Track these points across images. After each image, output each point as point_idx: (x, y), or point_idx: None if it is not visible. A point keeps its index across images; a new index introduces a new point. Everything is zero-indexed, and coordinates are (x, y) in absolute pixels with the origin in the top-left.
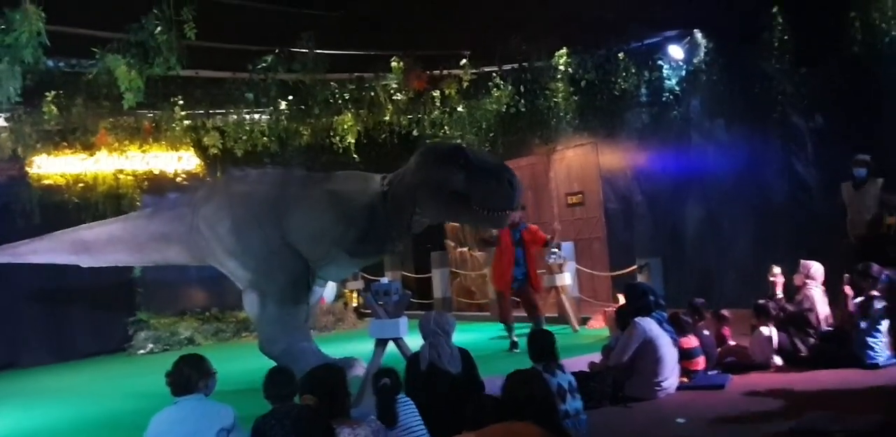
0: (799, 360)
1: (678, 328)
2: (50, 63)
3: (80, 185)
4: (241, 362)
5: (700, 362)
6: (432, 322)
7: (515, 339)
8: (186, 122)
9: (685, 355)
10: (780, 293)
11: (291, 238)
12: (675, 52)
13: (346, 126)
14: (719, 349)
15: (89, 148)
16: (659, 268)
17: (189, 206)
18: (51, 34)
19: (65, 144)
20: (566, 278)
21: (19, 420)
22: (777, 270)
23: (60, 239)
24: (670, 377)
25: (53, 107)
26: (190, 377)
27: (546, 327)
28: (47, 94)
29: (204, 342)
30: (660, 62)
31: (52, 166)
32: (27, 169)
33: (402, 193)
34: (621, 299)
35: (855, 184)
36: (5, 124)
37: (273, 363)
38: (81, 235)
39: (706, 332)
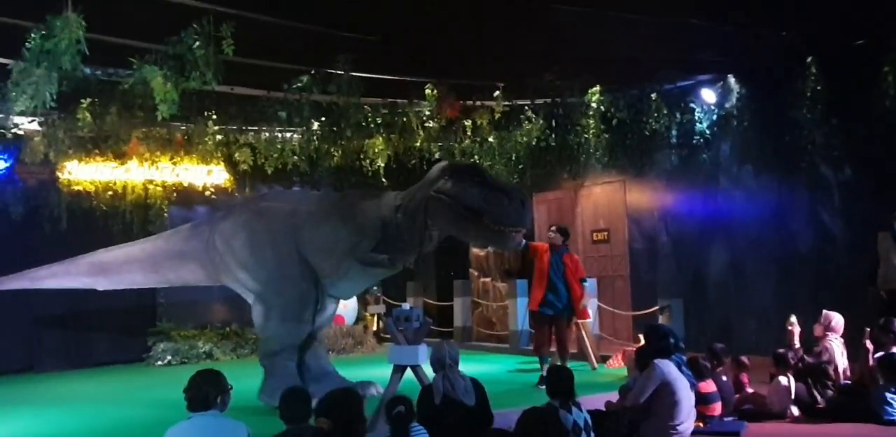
0: (816, 412)
1: (696, 372)
2: (87, 70)
3: (109, 193)
4: (258, 380)
5: (717, 408)
6: (446, 353)
7: (545, 373)
8: (219, 136)
9: (702, 400)
10: (797, 343)
11: (305, 252)
12: (708, 95)
13: (376, 149)
14: (737, 396)
15: (121, 157)
16: (680, 310)
17: (208, 224)
18: (89, 42)
19: (97, 151)
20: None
21: (31, 425)
22: (794, 319)
23: (77, 263)
24: (686, 421)
25: (88, 114)
26: (208, 393)
27: (567, 363)
28: (83, 101)
29: (222, 358)
30: (692, 105)
31: (83, 173)
32: (58, 174)
33: (416, 206)
34: (642, 340)
35: (894, 235)
36: (39, 129)
37: (290, 386)
38: (99, 257)
39: (724, 378)
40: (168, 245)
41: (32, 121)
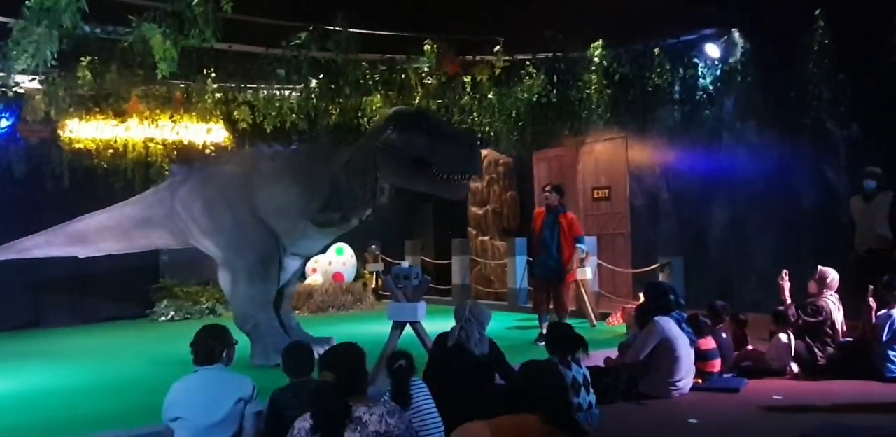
0: (816, 368)
1: (696, 329)
2: (87, 28)
3: (111, 151)
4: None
5: (716, 365)
6: (468, 310)
7: (545, 331)
8: (217, 94)
9: (702, 357)
10: (788, 298)
11: (260, 213)
12: (712, 50)
13: (374, 107)
14: (736, 353)
15: (121, 115)
16: (680, 268)
17: (168, 189)
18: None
19: (97, 109)
20: (587, 273)
21: (38, 379)
22: (785, 274)
23: (56, 233)
24: (685, 378)
25: (88, 72)
26: (213, 347)
27: (565, 319)
28: (83, 59)
29: (225, 314)
30: (695, 60)
31: (84, 131)
32: (59, 132)
33: (363, 158)
34: (642, 297)
35: (865, 196)
36: (40, 87)
37: (292, 340)
38: (76, 226)
39: (724, 334)
40: (134, 212)
41: (33, 79)
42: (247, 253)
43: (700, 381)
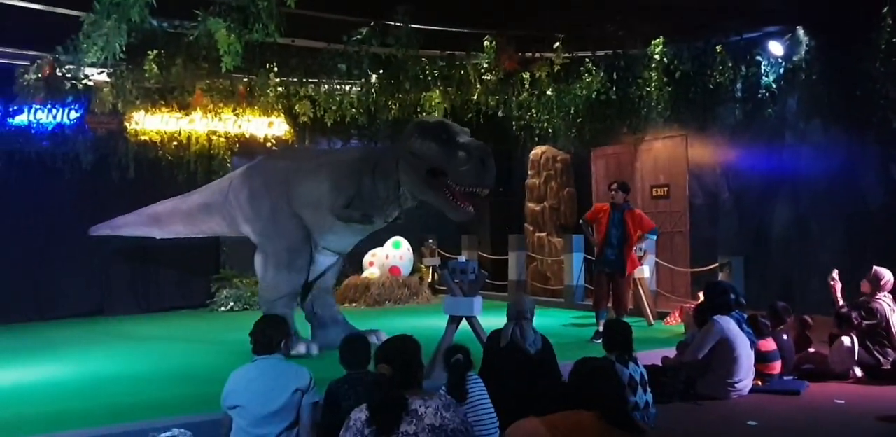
0: (881, 373)
1: (756, 330)
2: (154, 23)
3: (175, 143)
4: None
5: (776, 367)
6: (524, 305)
7: (601, 329)
8: (280, 89)
9: (762, 358)
10: (840, 299)
11: (294, 206)
12: (775, 48)
13: (433, 103)
14: (798, 355)
15: (185, 108)
16: (741, 267)
17: (229, 179)
18: None
19: (162, 102)
20: (645, 271)
21: (103, 365)
22: (836, 275)
23: (140, 214)
24: (745, 379)
25: (154, 65)
26: (272, 337)
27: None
28: (149, 52)
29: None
30: (758, 57)
31: (149, 123)
32: (125, 124)
33: (389, 162)
34: (701, 297)
35: None
36: (108, 80)
37: (349, 332)
38: (155, 209)
39: (785, 336)
40: (201, 199)
41: (102, 72)
42: (277, 240)
43: (760, 383)
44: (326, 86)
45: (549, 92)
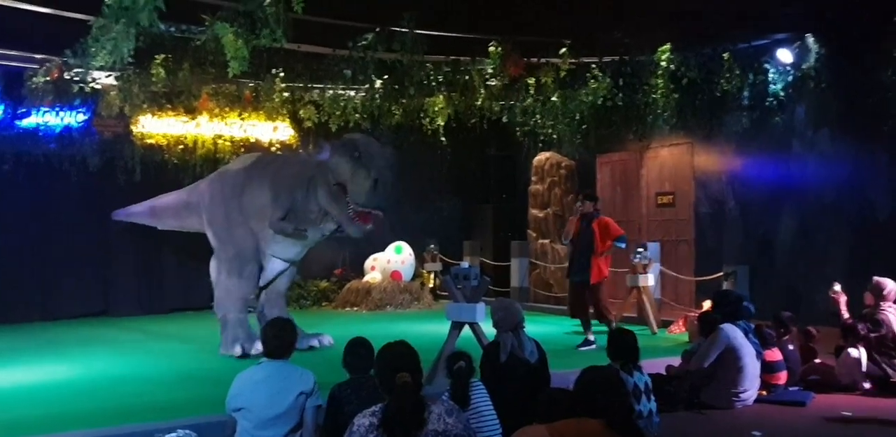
0: (889, 386)
1: (761, 340)
2: (162, 27)
3: (181, 146)
4: (317, 329)
5: (782, 377)
6: (520, 315)
7: (591, 337)
8: (285, 94)
9: (767, 368)
10: (845, 312)
11: (245, 214)
12: (784, 55)
13: (437, 108)
14: (803, 366)
15: (191, 112)
16: (746, 277)
17: (206, 181)
18: None
19: (169, 106)
20: (649, 279)
21: (109, 366)
22: (838, 288)
23: (144, 205)
24: (750, 389)
25: (161, 70)
26: (289, 342)
27: (625, 326)
28: (157, 57)
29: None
30: (766, 65)
31: (156, 127)
32: (132, 127)
33: (316, 179)
34: (706, 305)
35: None
36: (115, 83)
37: (353, 336)
38: (155, 202)
39: (791, 346)
40: (185, 196)
41: (109, 76)
42: (229, 246)
43: (765, 393)
44: (331, 91)
45: (554, 98)
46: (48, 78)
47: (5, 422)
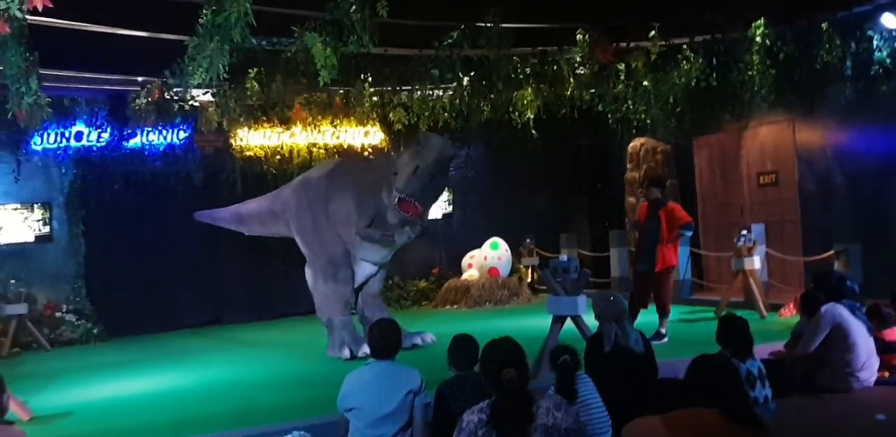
0: None
1: (879, 320)
2: (254, 41)
3: (278, 157)
4: (420, 329)
5: None
6: (622, 305)
7: (664, 330)
8: (374, 98)
9: (887, 349)
10: None
11: (332, 221)
12: (889, 20)
13: (526, 101)
14: None
15: (286, 122)
16: (858, 255)
17: (289, 188)
18: (255, 13)
19: (264, 118)
20: (755, 262)
21: (223, 372)
22: None
23: (230, 210)
24: (867, 369)
25: (255, 83)
26: (395, 341)
27: (733, 311)
28: (250, 71)
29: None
30: (869, 32)
31: (253, 139)
32: (231, 141)
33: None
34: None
35: None
36: (212, 99)
37: (457, 333)
38: (240, 208)
39: None
40: (269, 204)
41: (206, 92)
42: (321, 254)
43: (887, 374)
44: (419, 92)
45: (645, 82)
46: (150, 99)
47: (131, 428)
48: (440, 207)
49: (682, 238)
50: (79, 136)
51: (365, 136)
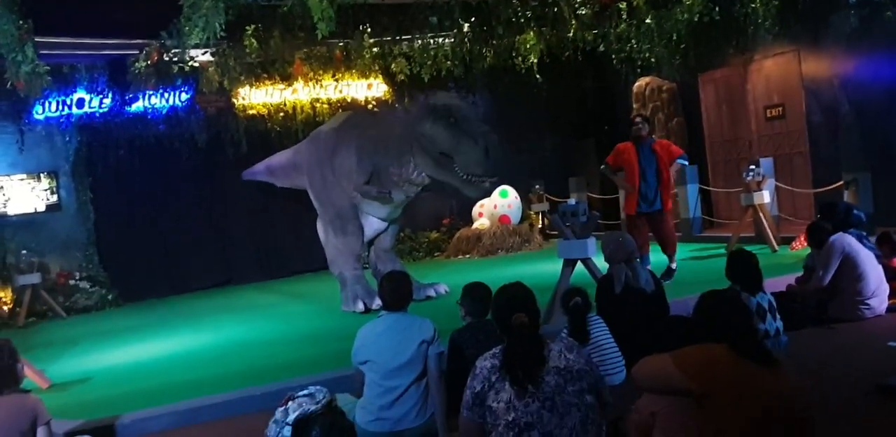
0: None
1: (890, 247)
2: None
3: (281, 114)
4: (433, 280)
5: None
6: (631, 245)
7: (674, 265)
8: (375, 49)
9: None
10: None
11: (337, 175)
12: None
13: (528, 45)
14: None
15: (287, 78)
16: (868, 184)
17: (306, 141)
18: None
19: (265, 75)
20: (765, 196)
21: (238, 332)
22: None
23: (263, 163)
24: (877, 296)
25: (253, 40)
26: (406, 293)
27: (744, 246)
28: (247, 28)
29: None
30: None
31: (255, 97)
32: (233, 101)
33: (404, 143)
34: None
35: None
36: (212, 59)
37: (467, 282)
38: (271, 160)
39: None
40: (291, 156)
41: (205, 52)
42: (329, 207)
43: None
44: (420, 41)
45: (648, 20)
46: (149, 62)
47: (149, 391)
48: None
49: (682, 169)
50: (80, 103)
51: (368, 88)
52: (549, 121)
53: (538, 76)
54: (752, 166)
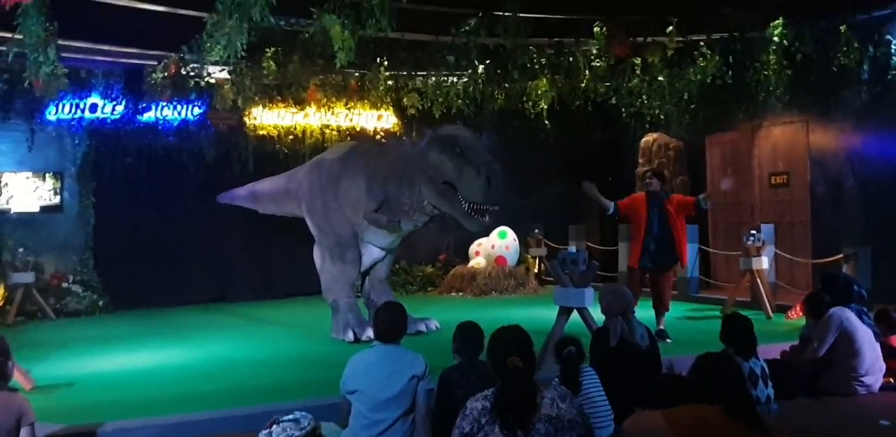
0: None
1: (887, 325)
2: (273, 21)
3: (290, 137)
4: (424, 315)
5: None
6: (628, 298)
7: (664, 327)
8: (389, 82)
9: (894, 354)
10: None
11: (341, 203)
12: None
13: (540, 91)
14: None
15: (300, 103)
16: (868, 259)
17: (303, 169)
18: None
19: (279, 98)
20: (763, 262)
21: (227, 350)
22: None
23: (246, 188)
24: (872, 374)
25: (272, 62)
26: (401, 326)
27: (739, 310)
28: (267, 50)
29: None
30: (888, 37)
31: (267, 118)
32: (245, 119)
33: (413, 172)
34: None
35: None
36: (228, 77)
37: (462, 321)
38: (255, 186)
39: None
40: (284, 183)
41: (223, 70)
42: (329, 234)
43: (893, 380)
44: (434, 78)
45: (661, 78)
46: (166, 74)
47: (131, 402)
48: None
49: (704, 210)
50: (93, 107)
51: (378, 119)
52: (554, 167)
53: (547, 122)
54: (753, 231)
